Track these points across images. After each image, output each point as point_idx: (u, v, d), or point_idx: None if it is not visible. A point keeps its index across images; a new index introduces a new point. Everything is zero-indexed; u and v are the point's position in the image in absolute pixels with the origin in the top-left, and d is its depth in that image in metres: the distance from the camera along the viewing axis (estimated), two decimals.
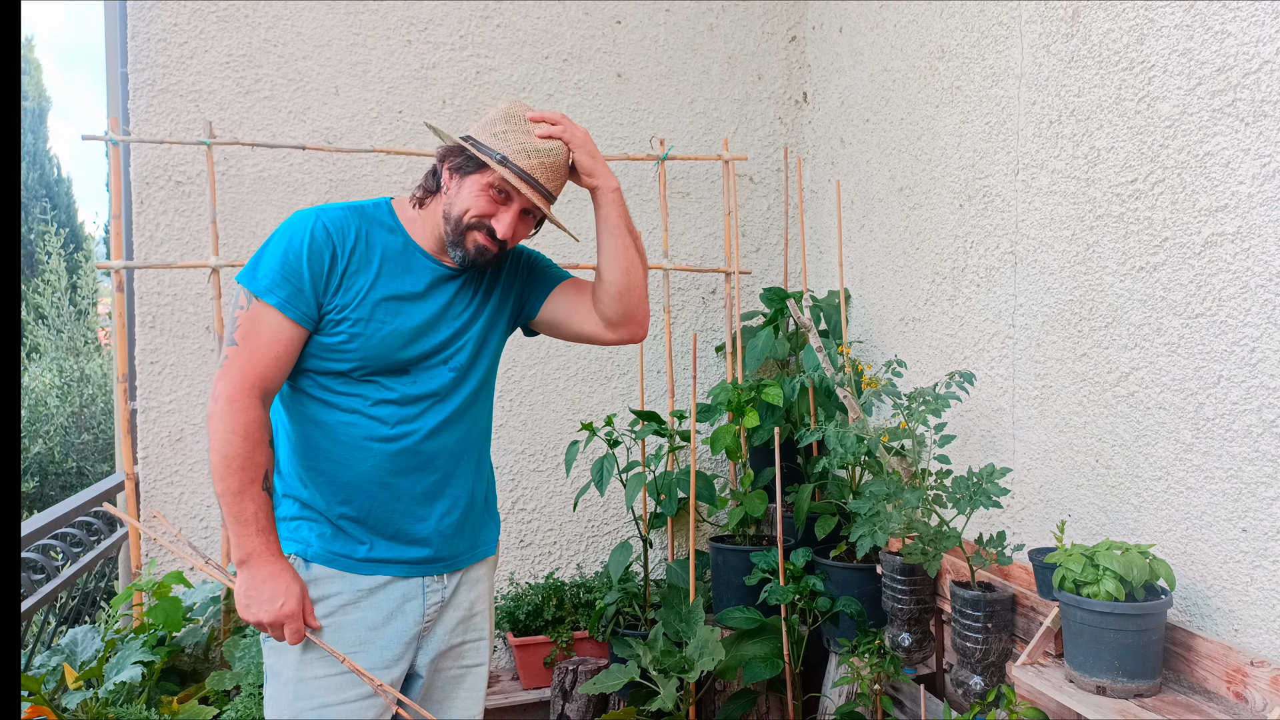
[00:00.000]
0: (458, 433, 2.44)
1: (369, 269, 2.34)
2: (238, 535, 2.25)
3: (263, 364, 2.25)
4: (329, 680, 2.32)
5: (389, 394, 2.35)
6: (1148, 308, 2.74)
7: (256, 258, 2.30)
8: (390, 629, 2.38)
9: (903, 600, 3.35)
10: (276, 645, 2.35)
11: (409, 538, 2.39)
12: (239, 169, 4.34)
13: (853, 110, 4.49)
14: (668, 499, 4.19)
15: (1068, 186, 3.05)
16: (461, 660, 2.54)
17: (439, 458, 2.41)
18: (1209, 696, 2.45)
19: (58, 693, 3.33)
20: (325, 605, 2.33)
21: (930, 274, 3.82)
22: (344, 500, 2.35)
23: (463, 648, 2.54)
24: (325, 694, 2.31)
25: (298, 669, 2.32)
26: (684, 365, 4.86)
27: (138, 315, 4.24)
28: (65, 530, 4.00)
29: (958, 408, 3.50)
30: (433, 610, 2.43)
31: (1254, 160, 2.40)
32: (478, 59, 4.61)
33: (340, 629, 2.34)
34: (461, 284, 2.45)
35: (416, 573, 2.40)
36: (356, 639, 2.34)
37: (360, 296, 2.31)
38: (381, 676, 2.35)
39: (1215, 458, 2.53)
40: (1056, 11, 3.10)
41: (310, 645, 2.31)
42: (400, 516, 2.38)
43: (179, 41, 4.26)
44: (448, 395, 2.41)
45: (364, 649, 2.35)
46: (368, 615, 2.36)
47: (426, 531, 2.40)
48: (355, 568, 2.36)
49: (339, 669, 2.31)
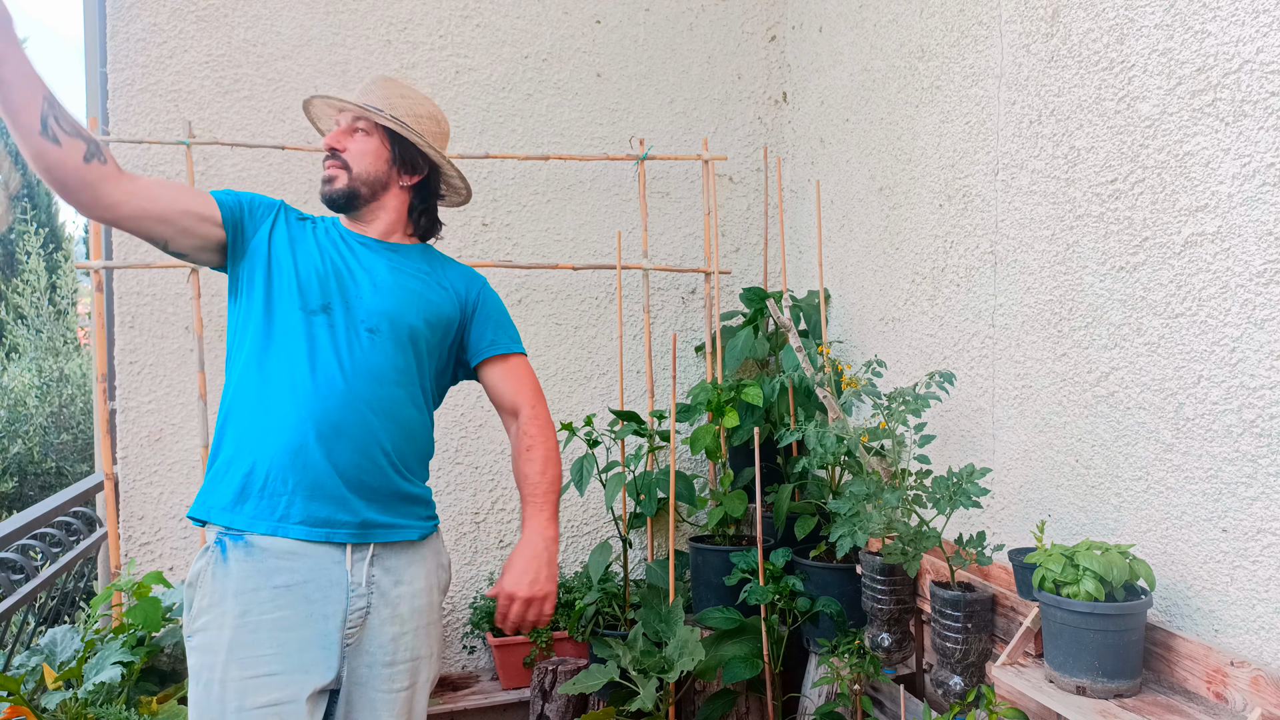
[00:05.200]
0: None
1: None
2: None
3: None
4: (247, 681, 2.23)
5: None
6: (1128, 308, 2.74)
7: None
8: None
9: (882, 600, 3.35)
10: (198, 645, 2.27)
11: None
12: (218, 169, 4.32)
13: (832, 110, 4.49)
14: (647, 499, 4.19)
15: (1048, 186, 3.06)
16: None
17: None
18: (1189, 697, 2.45)
19: (37, 693, 3.31)
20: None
21: (910, 274, 3.82)
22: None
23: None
24: (243, 695, 2.22)
25: (221, 669, 2.23)
26: (664, 365, 4.85)
27: (117, 315, 4.21)
28: (45, 530, 3.98)
29: (938, 408, 3.50)
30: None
31: (1234, 160, 2.41)
32: (457, 58, 4.60)
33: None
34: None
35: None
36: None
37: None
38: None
39: (1195, 458, 2.54)
40: (1036, 11, 3.10)
41: (233, 645, 2.23)
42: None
43: (158, 41, 4.24)
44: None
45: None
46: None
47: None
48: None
49: (257, 671, 2.23)
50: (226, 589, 2.27)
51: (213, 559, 2.31)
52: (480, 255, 4.60)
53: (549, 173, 4.72)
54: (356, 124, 2.57)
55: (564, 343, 4.77)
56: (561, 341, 4.77)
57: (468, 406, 4.61)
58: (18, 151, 6.74)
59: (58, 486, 12.42)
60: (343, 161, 2.53)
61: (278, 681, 2.24)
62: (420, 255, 2.67)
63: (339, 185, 2.53)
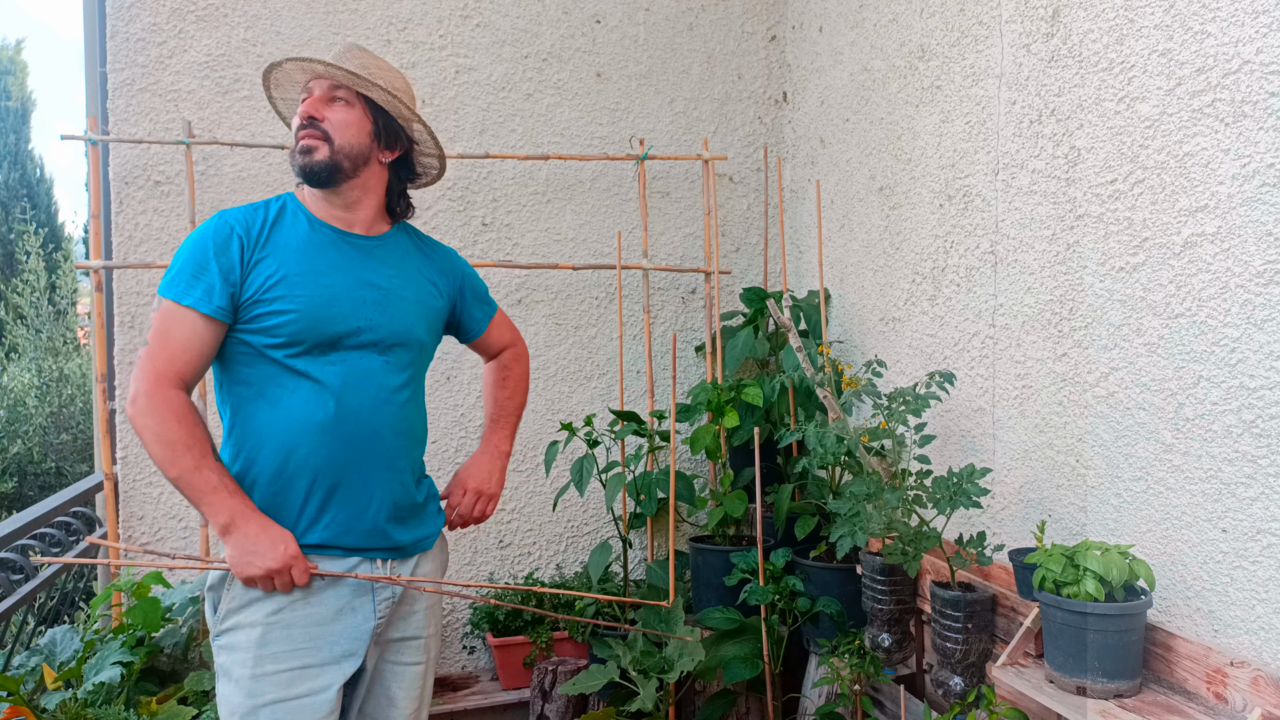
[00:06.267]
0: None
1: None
2: (212, 504, 2.20)
3: (180, 359, 2.26)
4: (280, 675, 2.26)
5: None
6: (1128, 308, 2.74)
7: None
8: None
9: (883, 601, 3.35)
10: (228, 644, 2.29)
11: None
12: (218, 169, 4.32)
13: (833, 110, 4.49)
14: (647, 499, 4.19)
15: (1048, 186, 3.06)
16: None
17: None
18: (1189, 697, 2.45)
19: (37, 693, 3.31)
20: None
21: (910, 274, 3.82)
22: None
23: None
24: (278, 689, 2.26)
25: (253, 665, 2.26)
26: (664, 365, 4.85)
27: (117, 315, 4.21)
28: (44, 530, 3.98)
29: (938, 408, 3.50)
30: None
31: (1234, 160, 2.40)
32: (457, 58, 4.59)
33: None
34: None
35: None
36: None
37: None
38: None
39: (1195, 458, 2.54)
40: (1036, 11, 3.10)
41: (264, 642, 2.26)
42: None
43: (158, 41, 4.24)
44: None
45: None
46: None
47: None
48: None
49: (291, 664, 2.26)
50: (256, 588, 2.29)
51: None
52: (480, 255, 4.59)
53: (549, 173, 4.72)
54: (335, 93, 2.38)
55: (564, 343, 4.77)
56: (561, 341, 4.77)
57: (468, 407, 4.61)
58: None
59: (58, 486, 12.42)
60: (322, 132, 2.34)
61: (311, 674, 2.28)
62: (408, 245, 2.59)
63: (320, 157, 2.33)
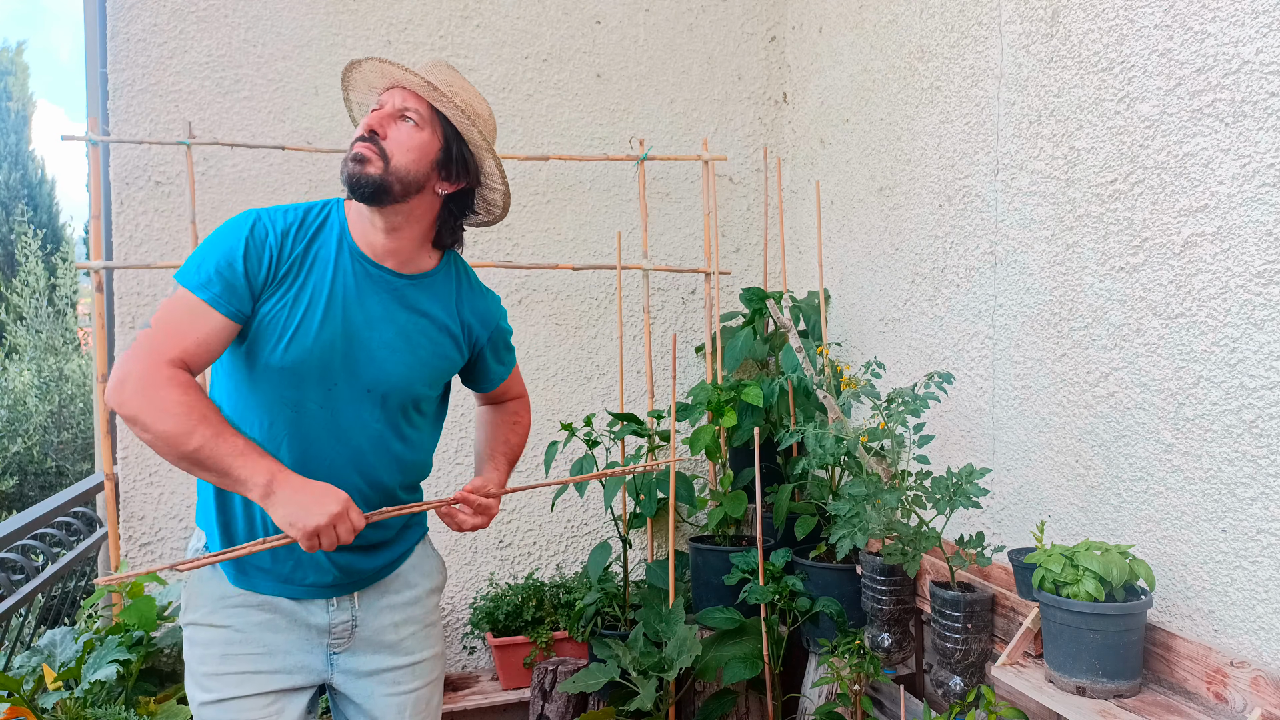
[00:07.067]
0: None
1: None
2: (245, 467, 2.00)
3: (187, 341, 2.10)
4: (230, 677, 2.25)
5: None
6: (1127, 308, 2.74)
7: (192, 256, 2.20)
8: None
9: (882, 601, 3.35)
10: (192, 638, 2.29)
11: None
12: (218, 169, 4.32)
13: (832, 110, 4.49)
14: (647, 499, 4.19)
15: (1047, 187, 3.06)
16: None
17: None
18: (1189, 697, 2.45)
19: (37, 693, 3.31)
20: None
21: (910, 274, 3.82)
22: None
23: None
24: (227, 689, 2.25)
25: (204, 663, 2.26)
26: (663, 365, 4.85)
27: (117, 315, 4.21)
28: (45, 530, 3.98)
29: (937, 408, 3.50)
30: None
31: (1234, 160, 2.41)
32: (457, 59, 4.59)
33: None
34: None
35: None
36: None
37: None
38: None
39: (1195, 458, 2.54)
40: (1036, 11, 3.10)
41: (221, 641, 2.26)
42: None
43: (159, 42, 4.24)
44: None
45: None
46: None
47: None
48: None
49: (243, 668, 2.25)
50: (215, 590, 2.29)
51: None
52: (480, 255, 4.59)
53: (549, 173, 4.72)
54: (406, 111, 2.19)
55: (564, 343, 4.77)
56: (561, 342, 4.77)
57: (468, 407, 4.61)
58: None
59: (58, 486, 12.43)
60: (380, 149, 2.14)
61: (262, 680, 2.27)
62: (446, 290, 2.41)
63: (371, 171, 2.13)
